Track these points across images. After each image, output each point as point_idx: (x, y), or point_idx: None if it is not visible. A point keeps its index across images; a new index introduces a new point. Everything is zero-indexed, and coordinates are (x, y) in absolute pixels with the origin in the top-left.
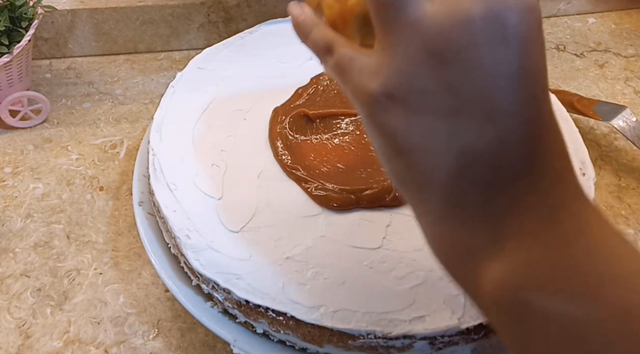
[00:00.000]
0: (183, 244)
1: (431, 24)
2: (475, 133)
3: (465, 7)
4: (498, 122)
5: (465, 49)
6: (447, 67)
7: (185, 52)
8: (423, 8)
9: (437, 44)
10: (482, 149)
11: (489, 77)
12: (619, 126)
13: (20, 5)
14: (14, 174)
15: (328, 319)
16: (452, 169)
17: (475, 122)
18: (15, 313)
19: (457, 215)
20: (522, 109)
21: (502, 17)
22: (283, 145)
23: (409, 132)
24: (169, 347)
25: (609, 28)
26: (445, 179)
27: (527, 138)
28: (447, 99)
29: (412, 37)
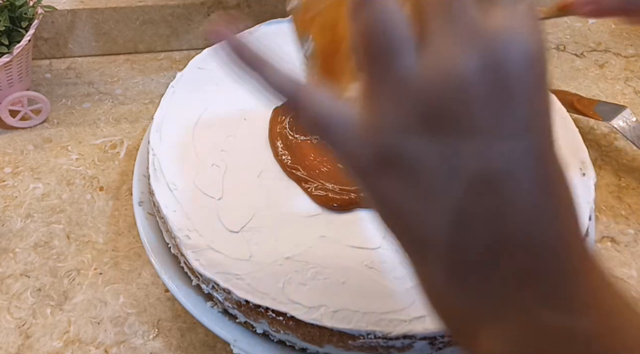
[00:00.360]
0: (183, 244)
1: (422, 84)
2: (471, 200)
3: (458, 63)
4: (497, 188)
5: (459, 110)
6: (440, 130)
7: (185, 52)
8: (413, 64)
9: (429, 108)
10: (480, 216)
11: (487, 140)
12: (619, 126)
13: (20, 5)
14: (14, 174)
15: (328, 319)
16: (448, 235)
17: (472, 187)
18: (15, 313)
19: (458, 281)
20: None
21: (502, 70)
22: (283, 145)
23: (404, 198)
24: (169, 347)
25: (609, 28)
26: (445, 246)
27: (529, 203)
28: (442, 164)
29: (403, 97)
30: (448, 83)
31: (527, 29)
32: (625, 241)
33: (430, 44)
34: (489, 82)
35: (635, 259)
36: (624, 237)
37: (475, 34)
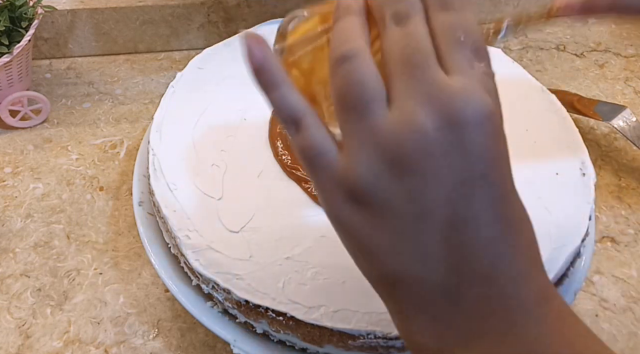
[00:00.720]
0: (183, 244)
1: (388, 133)
2: (437, 239)
3: (420, 120)
4: (461, 228)
5: (421, 159)
6: (406, 177)
7: (185, 52)
8: (381, 116)
9: (394, 154)
10: (446, 253)
11: (448, 186)
12: (619, 126)
13: (20, 5)
14: (14, 174)
15: (328, 319)
16: (416, 272)
17: (437, 227)
18: (15, 313)
19: (424, 314)
20: (485, 214)
21: (457, 129)
22: (283, 145)
23: (373, 235)
24: (169, 347)
25: (609, 28)
26: (410, 281)
27: (491, 241)
28: (409, 207)
29: (372, 145)
30: (411, 135)
31: (479, 92)
32: (625, 241)
33: (396, 99)
34: (446, 137)
35: (635, 259)
36: (624, 237)
37: (435, 95)
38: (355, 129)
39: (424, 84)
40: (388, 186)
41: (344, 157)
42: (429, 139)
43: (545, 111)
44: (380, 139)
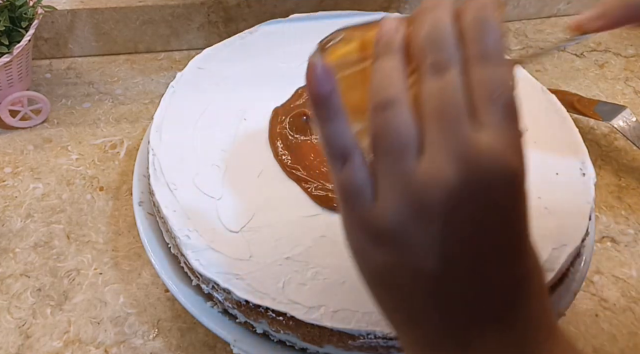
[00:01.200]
0: (183, 244)
1: (416, 183)
2: (455, 283)
3: (446, 174)
4: (481, 273)
5: (444, 211)
6: (432, 224)
7: (185, 52)
8: (413, 165)
9: (420, 203)
10: (465, 295)
11: (472, 237)
12: (619, 126)
13: (20, 5)
14: (14, 174)
15: (328, 319)
16: (430, 313)
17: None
18: (15, 313)
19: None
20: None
21: (481, 187)
22: (283, 145)
23: (393, 273)
24: (169, 347)
25: None
26: (424, 321)
27: (508, 287)
28: (433, 250)
29: (401, 190)
30: (437, 188)
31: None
32: (625, 241)
33: (428, 150)
34: (470, 193)
35: (635, 259)
36: (624, 237)
37: (463, 151)
38: (388, 173)
39: (455, 139)
40: (413, 232)
41: (376, 199)
42: (454, 193)
43: (545, 111)
44: (409, 186)
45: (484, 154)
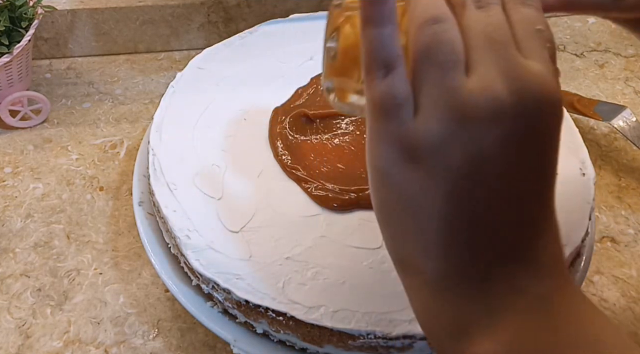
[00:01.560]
0: (183, 244)
1: (465, 96)
2: (484, 205)
3: (497, 89)
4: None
5: (492, 126)
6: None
7: (185, 52)
8: (462, 80)
9: (467, 117)
10: (491, 222)
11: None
12: (619, 126)
13: (20, 5)
14: (14, 174)
15: (328, 319)
16: (457, 237)
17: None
18: (15, 313)
19: (453, 287)
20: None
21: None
22: (283, 145)
23: (419, 195)
24: (169, 347)
25: (609, 28)
26: (449, 247)
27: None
28: (470, 171)
29: (447, 105)
30: (487, 101)
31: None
32: (625, 241)
33: (476, 68)
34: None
35: (635, 259)
36: (624, 237)
37: (514, 71)
38: (434, 86)
39: (505, 60)
40: (452, 148)
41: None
42: (503, 108)
43: None
44: (455, 100)
45: (536, 79)
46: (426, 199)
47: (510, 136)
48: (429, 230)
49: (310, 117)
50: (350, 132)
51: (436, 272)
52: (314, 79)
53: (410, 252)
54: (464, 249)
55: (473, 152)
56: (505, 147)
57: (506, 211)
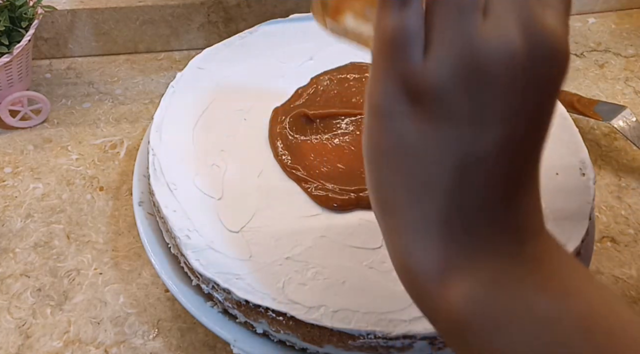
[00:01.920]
0: (183, 244)
1: (480, 40)
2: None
3: (512, 37)
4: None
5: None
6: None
7: (185, 52)
8: (478, 22)
9: (481, 60)
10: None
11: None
12: (619, 126)
13: (20, 5)
14: (14, 174)
15: (328, 319)
16: (451, 180)
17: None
18: (15, 313)
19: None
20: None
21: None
22: (283, 145)
23: (418, 138)
24: (169, 347)
25: (609, 28)
26: (443, 190)
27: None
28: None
29: (460, 47)
30: (501, 49)
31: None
32: (625, 241)
33: (492, 13)
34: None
35: (635, 259)
36: (624, 237)
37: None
38: (450, 26)
39: (522, 8)
40: (458, 93)
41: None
42: (516, 57)
43: None
44: (470, 43)
45: (551, 31)
46: (426, 145)
47: (523, 86)
48: (423, 174)
49: (310, 117)
50: (350, 132)
51: (424, 216)
52: (314, 79)
53: (398, 195)
54: (455, 197)
55: (480, 101)
56: (515, 98)
57: (501, 162)
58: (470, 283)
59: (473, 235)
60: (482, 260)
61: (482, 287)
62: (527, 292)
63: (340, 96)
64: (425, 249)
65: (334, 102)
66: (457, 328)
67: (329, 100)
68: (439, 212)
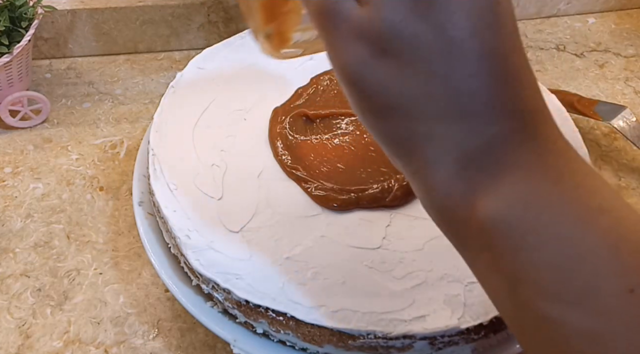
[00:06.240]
0: (183, 244)
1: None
2: (469, 73)
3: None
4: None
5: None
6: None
7: (185, 52)
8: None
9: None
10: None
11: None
12: (619, 126)
13: (20, 5)
14: (14, 174)
15: (328, 319)
16: (451, 115)
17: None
18: (15, 313)
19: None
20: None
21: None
22: (283, 145)
23: (403, 86)
24: (169, 347)
25: (609, 28)
26: (443, 128)
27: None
28: (438, 45)
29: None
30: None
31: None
32: None
33: None
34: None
35: None
36: None
37: None
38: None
39: None
40: (415, 26)
41: (364, 5)
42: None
43: None
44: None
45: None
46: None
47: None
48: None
49: (310, 117)
50: (350, 132)
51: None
52: (314, 79)
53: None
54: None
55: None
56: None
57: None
58: (496, 202)
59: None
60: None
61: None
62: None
63: (340, 96)
64: (448, 179)
65: (334, 102)
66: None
67: (329, 100)
68: (451, 141)
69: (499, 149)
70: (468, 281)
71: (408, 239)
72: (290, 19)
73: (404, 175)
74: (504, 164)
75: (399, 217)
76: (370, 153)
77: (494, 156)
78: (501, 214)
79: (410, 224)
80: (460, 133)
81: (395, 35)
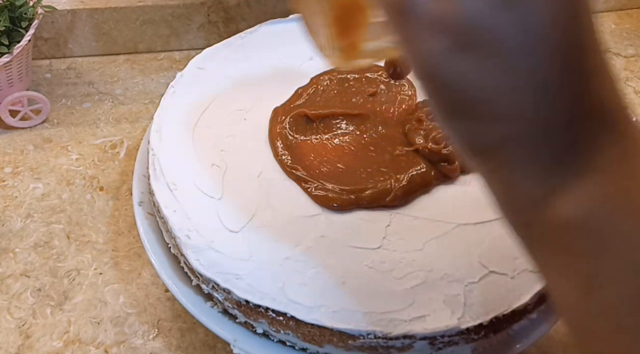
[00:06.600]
0: (183, 244)
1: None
2: (554, 69)
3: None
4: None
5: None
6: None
7: (185, 52)
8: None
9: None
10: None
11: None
12: None
13: (20, 5)
14: (14, 174)
15: (328, 319)
16: (534, 110)
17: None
18: (15, 313)
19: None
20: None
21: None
22: (283, 145)
23: (486, 80)
24: (169, 347)
25: (609, 28)
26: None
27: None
28: (522, 38)
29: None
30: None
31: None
32: None
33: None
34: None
35: None
36: None
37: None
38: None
39: None
40: (497, 17)
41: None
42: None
43: None
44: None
45: None
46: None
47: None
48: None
49: (310, 117)
50: (350, 132)
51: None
52: (314, 79)
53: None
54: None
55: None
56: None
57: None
58: (579, 203)
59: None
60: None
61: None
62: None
63: (340, 96)
64: (529, 178)
65: (334, 102)
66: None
67: (329, 100)
68: (535, 138)
69: (585, 147)
70: (468, 281)
71: (408, 239)
72: (361, 30)
73: (479, 173)
74: (590, 163)
75: (399, 217)
76: (370, 153)
77: (580, 155)
78: (584, 216)
79: (410, 224)
80: (545, 130)
81: (477, 27)
